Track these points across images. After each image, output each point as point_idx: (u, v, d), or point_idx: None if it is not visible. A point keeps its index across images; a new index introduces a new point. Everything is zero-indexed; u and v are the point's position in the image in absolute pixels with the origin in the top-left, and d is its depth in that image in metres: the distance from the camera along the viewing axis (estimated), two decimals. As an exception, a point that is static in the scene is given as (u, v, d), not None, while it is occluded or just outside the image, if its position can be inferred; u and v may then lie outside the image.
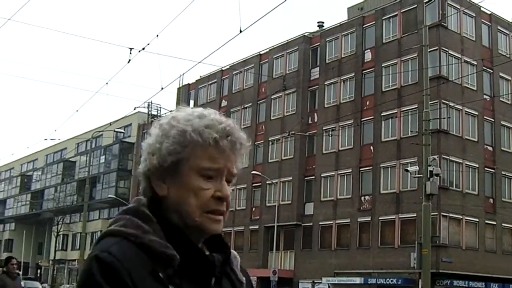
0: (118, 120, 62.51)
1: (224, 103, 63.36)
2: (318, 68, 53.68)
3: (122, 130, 70.22)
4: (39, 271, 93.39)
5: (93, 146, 67.96)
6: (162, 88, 44.66)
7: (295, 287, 50.75)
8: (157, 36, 24.68)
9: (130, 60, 26.96)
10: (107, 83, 57.65)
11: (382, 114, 46.50)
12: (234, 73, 62.46)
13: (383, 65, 47.71)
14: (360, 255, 45.97)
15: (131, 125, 75.20)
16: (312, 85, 53.67)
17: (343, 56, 51.45)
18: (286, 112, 55.09)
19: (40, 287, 53.67)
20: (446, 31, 44.63)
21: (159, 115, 72.79)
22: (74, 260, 77.92)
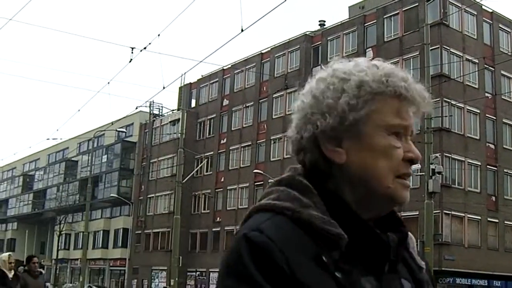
0: (120, 119, 62.60)
1: (225, 102, 63.42)
2: (319, 67, 53.26)
3: (124, 129, 70.35)
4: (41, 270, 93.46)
5: (95, 145, 67.99)
6: (163, 87, 44.64)
7: None
8: (159, 35, 24.85)
9: (131, 59, 27.07)
10: (109, 83, 57.84)
11: (384, 112, 46.49)
12: (235, 72, 62.49)
13: (384, 64, 47.67)
14: (362, 254, 45.95)
15: (133, 124, 75.21)
16: (313, 84, 53.64)
17: (345, 54, 51.42)
18: (288, 111, 55.05)
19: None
20: (447, 30, 44.63)
21: (161, 114, 72.90)
22: (76, 259, 78.00)
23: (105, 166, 77.07)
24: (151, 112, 72.80)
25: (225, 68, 63.34)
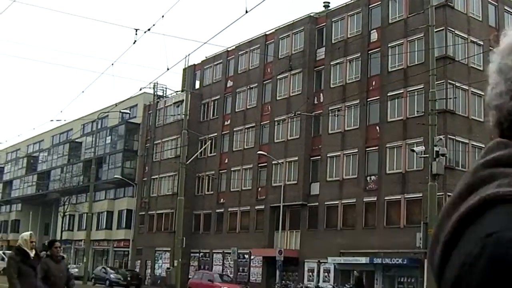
0: (124, 101, 62.45)
1: (230, 84, 63.35)
2: (324, 48, 53.54)
3: (128, 111, 70.35)
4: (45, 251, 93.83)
5: (99, 127, 68.09)
6: (168, 68, 44.43)
7: (300, 267, 50.98)
8: (163, 17, 24.78)
9: (135, 41, 27.11)
10: (113, 64, 57.52)
11: (388, 94, 46.43)
12: (239, 53, 62.37)
13: (389, 45, 47.56)
14: (365, 235, 46.08)
15: (137, 105, 75.24)
16: (318, 66, 53.57)
17: (349, 36, 51.29)
18: (292, 92, 55.04)
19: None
20: (452, 11, 44.43)
21: (165, 95, 72.87)
22: (80, 240, 78.34)
23: (109, 147, 77.19)
24: (155, 93, 72.79)
25: (229, 49, 63.21)
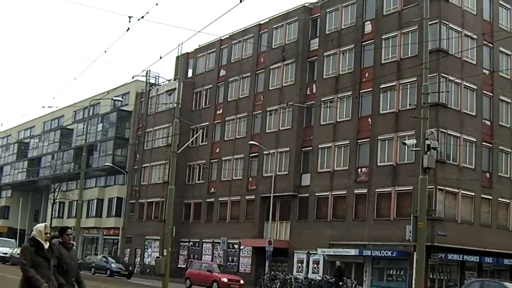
0: (116, 88, 62.38)
1: (222, 73, 63.18)
2: (317, 39, 53.37)
3: (120, 98, 70.13)
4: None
5: (90, 114, 67.79)
6: (160, 57, 44.47)
7: (290, 258, 51.00)
8: (157, 4, 24.52)
9: (129, 28, 26.91)
10: (106, 51, 57.46)
11: (381, 86, 46.35)
12: (233, 42, 62.19)
13: (383, 37, 47.45)
14: (355, 227, 46.12)
15: (129, 93, 75.03)
16: (311, 56, 53.42)
17: (343, 27, 51.15)
18: (284, 82, 54.91)
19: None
20: (447, 4, 44.31)
21: (157, 83, 72.64)
22: (70, 227, 78.06)
23: (100, 134, 76.97)
24: (148, 81, 72.57)
25: (222, 38, 63.02)
